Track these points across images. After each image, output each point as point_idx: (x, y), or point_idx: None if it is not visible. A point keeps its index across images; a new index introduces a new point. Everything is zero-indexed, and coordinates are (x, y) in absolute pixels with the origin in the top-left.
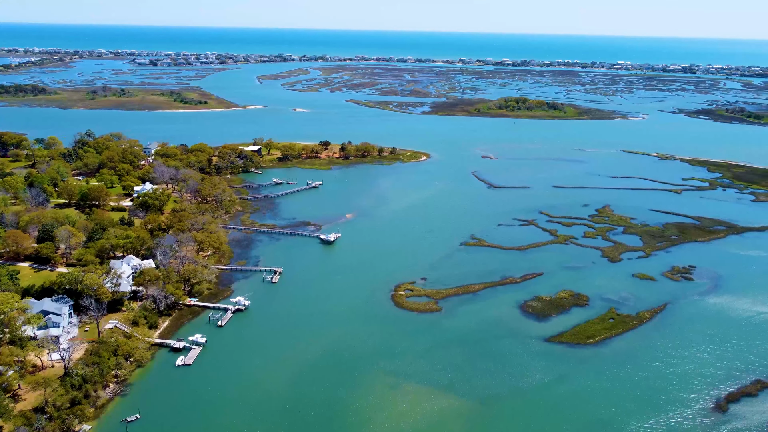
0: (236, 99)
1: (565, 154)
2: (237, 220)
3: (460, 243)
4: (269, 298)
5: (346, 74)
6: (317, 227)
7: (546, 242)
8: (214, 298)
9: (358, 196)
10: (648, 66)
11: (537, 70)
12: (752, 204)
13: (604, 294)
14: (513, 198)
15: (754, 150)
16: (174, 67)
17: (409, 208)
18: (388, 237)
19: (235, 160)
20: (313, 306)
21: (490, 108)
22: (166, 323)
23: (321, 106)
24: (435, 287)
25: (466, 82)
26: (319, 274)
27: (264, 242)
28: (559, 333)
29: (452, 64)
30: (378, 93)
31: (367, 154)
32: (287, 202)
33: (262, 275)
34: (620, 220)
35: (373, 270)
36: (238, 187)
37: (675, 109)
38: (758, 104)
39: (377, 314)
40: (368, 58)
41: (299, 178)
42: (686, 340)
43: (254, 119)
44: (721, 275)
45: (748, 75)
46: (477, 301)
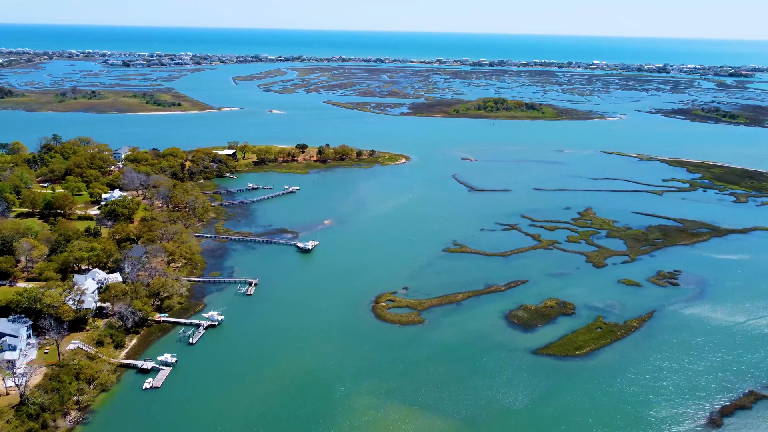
0: (211, 101)
1: (545, 156)
2: (210, 228)
3: (442, 249)
4: (244, 312)
5: (324, 75)
6: (294, 235)
7: (529, 247)
8: (186, 313)
9: (337, 201)
10: (623, 66)
11: (514, 70)
12: (733, 205)
13: (590, 302)
14: (494, 201)
15: (732, 150)
16: (147, 68)
17: (389, 213)
18: (367, 244)
19: (209, 164)
20: (290, 320)
21: (469, 109)
22: (134, 342)
23: (298, 107)
24: (417, 297)
25: (444, 83)
26: (296, 285)
27: (239, 251)
28: (546, 344)
29: (430, 64)
30: (356, 94)
31: (345, 157)
32: (263, 208)
33: (236, 287)
34: (603, 224)
35: (352, 279)
36: (212, 193)
37: (652, 109)
38: (732, 104)
39: (358, 328)
40: (345, 59)
41: (276, 183)
42: (675, 351)
43: (229, 121)
44: (707, 280)
45: (720, 74)
46: (461, 312)
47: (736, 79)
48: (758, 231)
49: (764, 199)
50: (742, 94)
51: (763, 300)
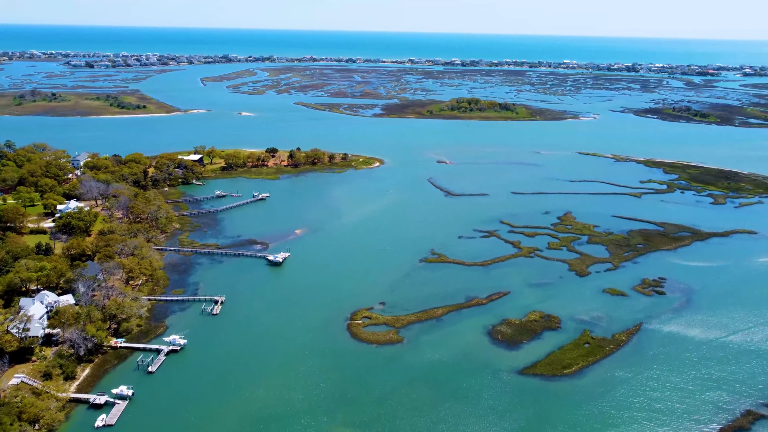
0: (178, 103)
1: (521, 158)
2: (174, 240)
3: (419, 259)
4: (209, 334)
5: (294, 75)
6: (264, 246)
7: (510, 255)
8: (145, 337)
9: (309, 209)
10: (593, 65)
11: (486, 69)
12: (711, 207)
13: (575, 314)
14: (472, 206)
15: (706, 150)
16: (112, 69)
17: (364, 220)
18: (341, 255)
19: (174, 171)
20: (258, 343)
21: (443, 109)
22: (87, 372)
23: (268, 109)
24: (395, 313)
25: (416, 83)
26: (266, 303)
27: (204, 266)
28: (532, 363)
29: (402, 64)
30: (327, 95)
31: (317, 161)
32: (231, 217)
33: (201, 306)
34: (584, 229)
35: (326, 294)
36: (176, 202)
37: (624, 109)
38: (702, 102)
39: (332, 350)
40: (317, 59)
41: (245, 190)
42: (666, 368)
43: (197, 125)
44: (692, 288)
45: (688, 73)
46: (441, 328)
47: (703, 78)
48: (739, 234)
49: (742, 200)
50: (711, 93)
51: (748, 308)
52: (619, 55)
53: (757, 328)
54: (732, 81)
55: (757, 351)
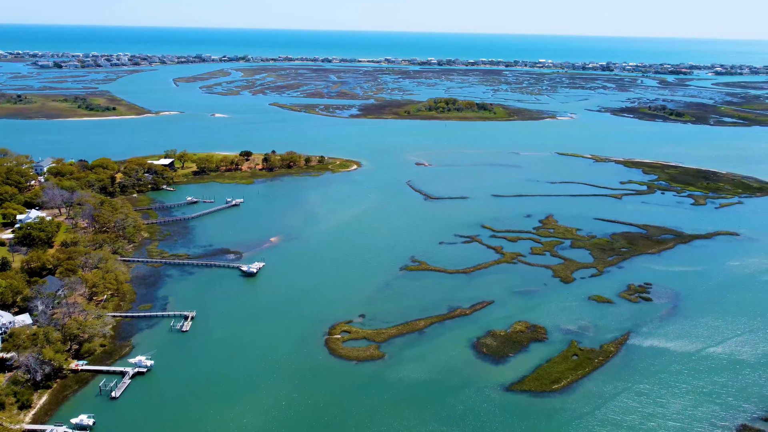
0: (149, 104)
1: (501, 159)
2: (143, 250)
3: (400, 267)
4: (178, 353)
5: (270, 75)
6: (238, 255)
7: (492, 262)
8: (109, 359)
9: (284, 215)
10: (569, 64)
11: (462, 69)
12: (692, 208)
13: (562, 324)
14: (452, 210)
15: (683, 149)
16: (81, 69)
17: (341, 226)
18: (318, 264)
19: (144, 176)
20: (231, 362)
21: (420, 110)
22: (44, 399)
23: (242, 110)
24: (375, 326)
25: (393, 83)
26: (239, 317)
27: (174, 278)
28: (520, 378)
29: (378, 63)
30: (303, 95)
31: (293, 165)
32: (203, 225)
33: (170, 322)
34: (566, 232)
35: (303, 307)
36: (145, 209)
37: (601, 108)
38: (676, 101)
39: (309, 368)
40: (292, 59)
41: (217, 196)
42: (657, 382)
43: (168, 127)
44: (678, 294)
45: (661, 72)
46: (424, 342)
47: (676, 77)
48: (721, 236)
49: (722, 201)
50: (685, 92)
51: (735, 315)
52: (594, 54)
53: (744, 336)
54: (704, 80)
55: (747, 361)
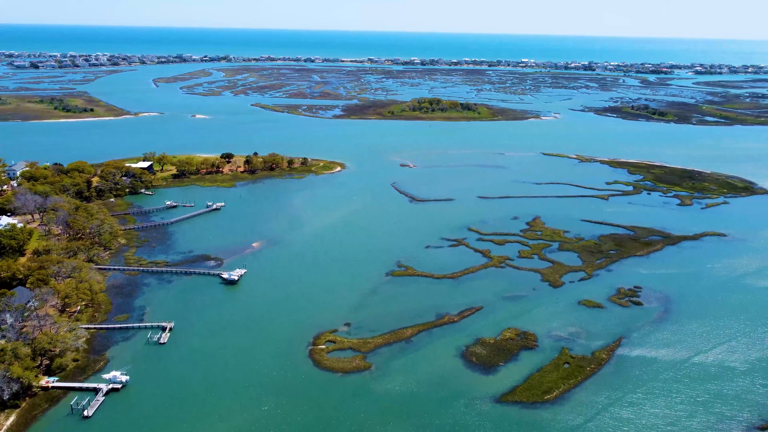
0: (128, 105)
1: (486, 160)
2: (119, 257)
3: (386, 273)
4: (154, 368)
5: (251, 75)
6: (218, 262)
7: (480, 266)
8: (82, 374)
9: (267, 219)
10: (551, 64)
11: (446, 69)
12: (679, 209)
13: (552, 330)
14: (438, 213)
15: (667, 149)
16: (59, 69)
17: (325, 230)
18: (302, 270)
19: (121, 180)
20: (210, 376)
21: (404, 110)
22: (11, 420)
23: (224, 111)
24: (361, 335)
25: (376, 83)
26: (219, 328)
27: (152, 286)
28: (511, 389)
29: (361, 63)
30: (286, 96)
31: (275, 167)
32: (183, 230)
33: (147, 334)
34: (554, 234)
35: (286, 316)
36: (123, 214)
37: (584, 108)
38: (658, 101)
39: (293, 381)
40: (274, 58)
41: (198, 199)
42: (650, 390)
43: (147, 129)
44: (668, 297)
45: (642, 72)
46: (411, 351)
47: (657, 76)
48: (709, 237)
49: (708, 201)
50: (666, 91)
51: (726, 318)
52: (575, 54)
53: (736, 340)
54: (685, 79)
55: (739, 367)
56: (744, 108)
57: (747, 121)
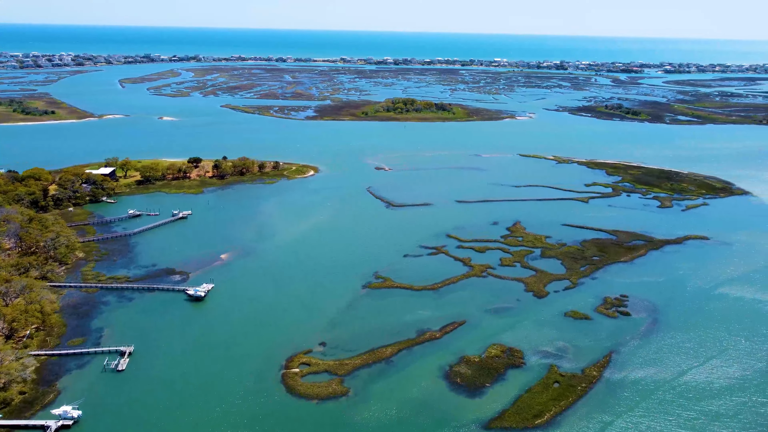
0: (92, 107)
1: (463, 162)
2: (76, 273)
3: (362, 285)
4: (110, 399)
5: (222, 76)
6: (184, 276)
7: (461, 276)
8: (30, 409)
9: (236, 228)
10: (523, 63)
11: (419, 68)
12: (660, 211)
13: (539, 346)
14: (416, 219)
15: (643, 148)
16: (20, 70)
17: (299, 240)
18: (274, 283)
19: (81, 187)
20: (173, 408)
21: (378, 111)
22: None
23: (192, 113)
24: (338, 356)
25: (349, 83)
26: (183, 351)
27: (111, 305)
28: (499, 413)
29: (334, 63)
30: (257, 96)
31: (246, 172)
32: (146, 241)
33: (104, 360)
34: (536, 240)
35: (256, 336)
36: (82, 225)
37: (558, 107)
38: (631, 100)
39: (265, 411)
40: (245, 58)
41: (163, 207)
42: (645, 412)
43: (112, 132)
44: (656, 306)
45: (613, 71)
46: (392, 372)
47: (628, 75)
48: (691, 240)
49: (688, 203)
50: (638, 90)
51: (715, 329)
52: (547, 53)
53: (727, 353)
54: (655, 78)
55: (734, 383)
56: (714, 107)
57: (718, 120)
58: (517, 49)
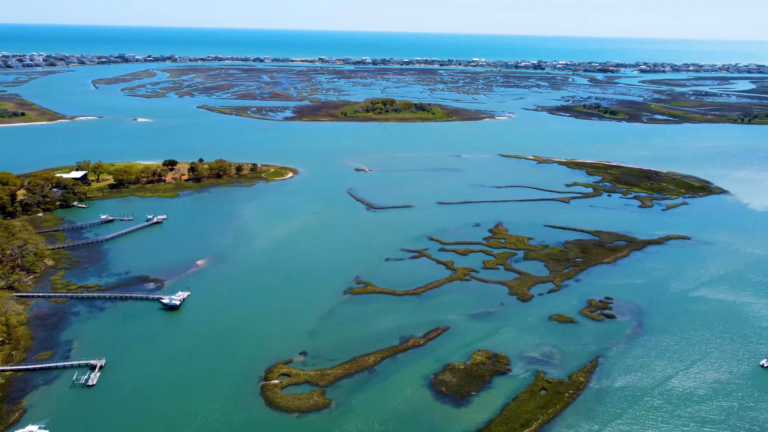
0: (64, 109)
1: (443, 162)
2: (45, 282)
3: (343, 291)
4: (80, 417)
5: (198, 76)
6: (158, 284)
7: (444, 280)
8: None
9: (213, 233)
10: (501, 63)
11: (397, 68)
12: (640, 211)
13: (525, 351)
14: (397, 221)
15: (622, 148)
16: None
17: (277, 244)
18: (252, 290)
19: (51, 192)
20: (146, 424)
21: (357, 111)
22: None
23: (168, 114)
24: (319, 365)
25: (328, 83)
26: (157, 363)
27: (82, 316)
28: (486, 423)
29: (312, 63)
30: (234, 97)
31: (222, 174)
32: (120, 247)
33: (73, 375)
34: (518, 242)
35: (234, 346)
36: (52, 231)
37: (537, 107)
38: (608, 99)
39: (244, 426)
40: (222, 58)
41: (137, 212)
42: (632, 420)
43: (84, 134)
44: (640, 308)
45: (590, 70)
46: (375, 382)
47: (605, 75)
48: (673, 240)
49: (668, 202)
50: (615, 89)
51: (701, 330)
52: (524, 53)
53: (713, 355)
54: (631, 77)
55: (721, 386)
56: (690, 106)
57: (694, 119)
58: (494, 48)
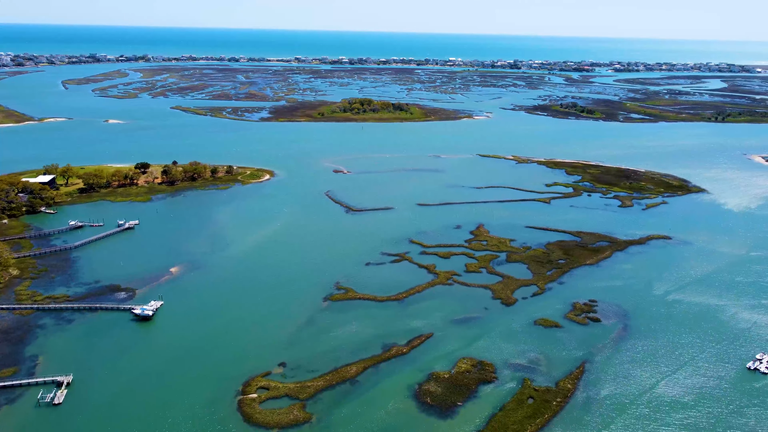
0: (32, 110)
1: (422, 163)
2: (10, 293)
3: (323, 297)
4: None
5: (172, 76)
6: (130, 293)
7: (426, 284)
8: None
9: (187, 238)
10: (478, 62)
11: (374, 68)
12: (621, 211)
13: (511, 358)
14: (376, 224)
15: (599, 147)
16: None
17: (254, 249)
18: (228, 299)
19: (17, 197)
20: None
21: (335, 111)
22: None
23: (141, 115)
24: (298, 377)
25: (304, 83)
26: (129, 379)
27: (48, 329)
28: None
29: (288, 62)
30: (209, 97)
31: (197, 177)
32: (89, 255)
33: (38, 392)
34: (500, 244)
35: (210, 358)
36: (17, 239)
37: (514, 106)
38: (585, 98)
39: None
40: (196, 58)
41: (108, 217)
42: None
43: (53, 136)
44: (625, 310)
45: (565, 69)
46: (357, 394)
47: (580, 74)
48: (654, 240)
49: (648, 201)
50: (591, 89)
51: (686, 333)
52: (500, 52)
53: (700, 359)
54: (606, 76)
55: (710, 391)
56: (664, 105)
57: (669, 117)
58: (470, 48)
